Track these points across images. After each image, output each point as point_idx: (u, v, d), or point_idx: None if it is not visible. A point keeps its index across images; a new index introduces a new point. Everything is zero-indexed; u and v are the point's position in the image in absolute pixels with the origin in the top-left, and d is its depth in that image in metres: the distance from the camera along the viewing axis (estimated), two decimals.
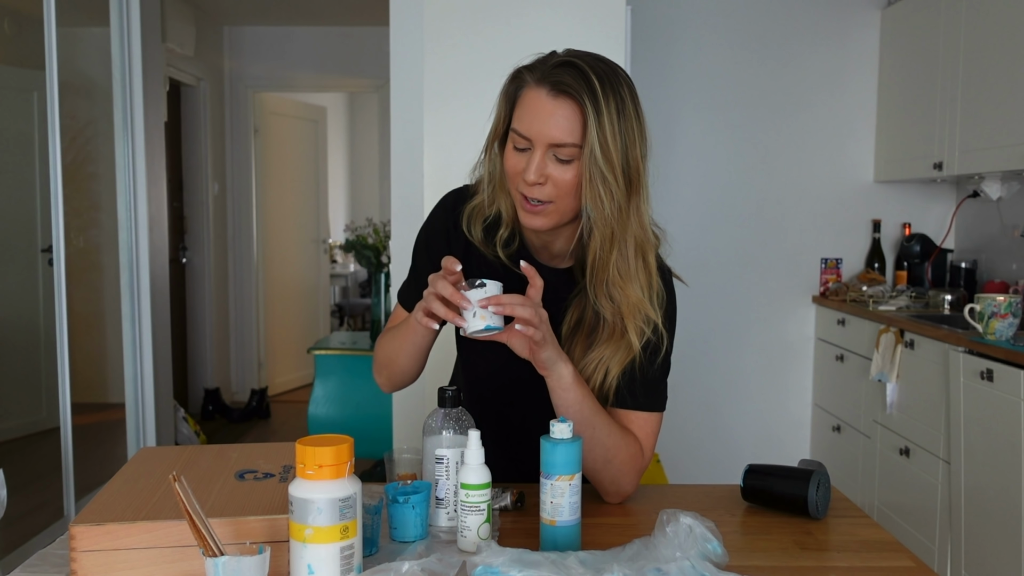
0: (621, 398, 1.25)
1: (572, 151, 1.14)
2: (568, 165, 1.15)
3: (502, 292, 1.12)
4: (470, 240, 1.30)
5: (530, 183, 1.16)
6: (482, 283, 1.10)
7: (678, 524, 1.02)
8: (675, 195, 3.71)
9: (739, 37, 3.70)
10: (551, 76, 1.14)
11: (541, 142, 1.14)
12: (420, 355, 1.30)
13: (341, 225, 7.71)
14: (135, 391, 3.65)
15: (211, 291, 5.45)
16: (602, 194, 1.14)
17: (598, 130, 1.12)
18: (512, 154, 1.19)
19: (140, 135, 3.62)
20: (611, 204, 1.14)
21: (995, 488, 2.46)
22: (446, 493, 1.13)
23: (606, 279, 1.20)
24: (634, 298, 1.20)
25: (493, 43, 2.47)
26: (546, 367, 1.16)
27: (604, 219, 1.16)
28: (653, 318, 1.22)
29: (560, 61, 1.15)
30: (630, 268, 1.19)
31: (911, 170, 3.45)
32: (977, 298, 2.58)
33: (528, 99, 1.16)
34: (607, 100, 1.12)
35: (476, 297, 1.10)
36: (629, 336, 1.21)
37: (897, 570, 1.06)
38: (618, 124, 1.13)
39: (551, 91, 1.14)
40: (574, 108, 1.13)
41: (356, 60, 5.59)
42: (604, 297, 1.21)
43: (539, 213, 1.18)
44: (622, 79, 1.16)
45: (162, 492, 1.06)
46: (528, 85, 1.16)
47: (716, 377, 3.79)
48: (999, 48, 2.88)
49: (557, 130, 1.13)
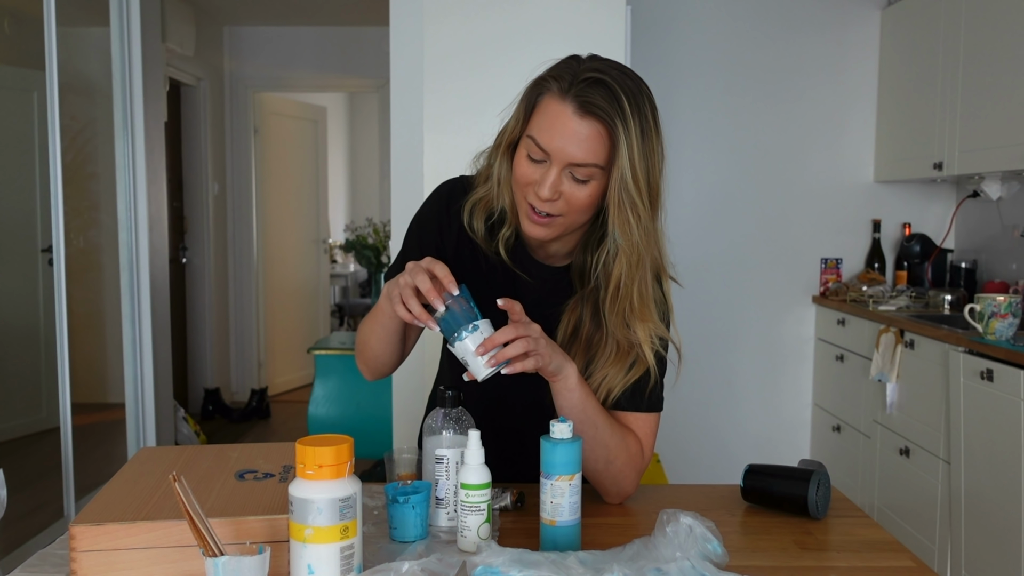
0: (620, 400, 1.24)
1: (591, 171, 1.11)
2: (584, 185, 1.12)
3: (492, 328, 1.09)
4: (464, 233, 1.28)
5: (544, 199, 1.12)
6: (475, 326, 1.08)
7: (678, 524, 1.01)
8: (675, 195, 3.71)
9: (739, 37, 3.70)
10: (580, 94, 1.09)
11: (560, 159, 1.10)
12: (391, 340, 1.25)
13: (341, 225, 7.72)
14: (135, 391, 3.65)
15: (211, 291, 5.45)
16: (631, 220, 1.11)
17: (628, 156, 1.09)
18: (525, 162, 1.14)
19: (140, 135, 3.62)
20: (639, 229, 1.12)
21: (995, 488, 2.46)
22: (446, 493, 1.13)
23: (627, 307, 1.17)
24: (652, 324, 1.19)
25: (493, 43, 2.47)
26: (553, 374, 1.15)
27: (632, 245, 1.13)
28: (666, 337, 1.22)
29: (589, 78, 1.10)
30: (648, 292, 1.18)
31: (911, 170, 3.45)
32: (977, 298, 2.58)
33: (551, 112, 1.11)
34: (635, 122, 1.09)
35: (474, 344, 1.07)
36: (647, 358, 1.20)
37: (897, 570, 1.06)
38: (643, 147, 1.10)
39: (578, 109, 1.09)
40: (601, 130, 1.09)
41: (356, 60, 5.59)
42: (622, 325, 1.19)
43: (545, 225, 1.16)
44: (646, 96, 1.13)
45: (162, 492, 1.06)
46: (552, 95, 1.11)
47: (716, 377, 3.79)
48: (999, 48, 2.87)
49: (580, 151, 1.09)
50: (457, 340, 1.08)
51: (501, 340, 1.07)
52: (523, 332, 1.09)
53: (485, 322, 1.09)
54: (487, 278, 1.28)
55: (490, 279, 1.28)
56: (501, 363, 1.08)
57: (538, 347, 1.10)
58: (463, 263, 1.30)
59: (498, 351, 1.08)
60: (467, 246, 1.29)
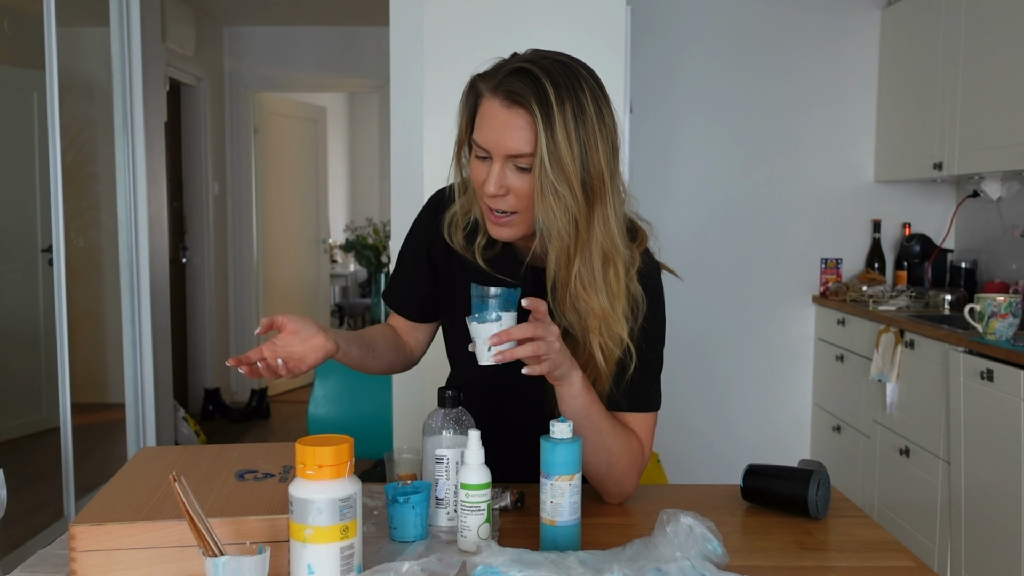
0: (616, 401, 1.23)
1: (530, 160, 1.10)
2: (528, 174, 1.12)
3: (515, 322, 1.08)
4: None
5: (490, 195, 1.13)
6: (498, 316, 1.07)
7: (678, 524, 1.01)
8: (675, 195, 3.71)
9: (739, 37, 3.70)
10: (503, 84, 1.10)
11: (498, 153, 1.11)
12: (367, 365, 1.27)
13: (341, 225, 7.72)
14: (135, 391, 3.65)
15: (211, 291, 5.45)
16: (554, 206, 1.09)
17: (548, 140, 1.07)
18: (475, 164, 1.16)
19: (140, 135, 3.62)
20: (564, 215, 1.10)
21: (995, 488, 2.46)
22: (446, 493, 1.13)
23: (568, 293, 1.15)
24: (597, 310, 1.15)
25: (493, 43, 2.46)
26: (558, 380, 1.14)
27: (558, 232, 1.11)
28: (622, 336, 1.17)
29: (513, 68, 1.11)
30: (595, 279, 1.14)
31: (911, 170, 3.45)
32: (977, 298, 2.58)
33: (484, 109, 1.13)
34: (561, 106, 1.07)
35: (488, 332, 1.06)
36: (594, 354, 1.17)
37: (897, 570, 1.06)
38: (575, 131, 1.08)
39: (504, 100, 1.10)
40: (527, 117, 1.09)
41: (356, 60, 5.59)
42: (570, 311, 1.17)
43: (505, 224, 1.16)
44: (582, 79, 1.11)
45: (162, 492, 1.06)
46: (483, 95, 1.13)
47: (716, 377, 3.79)
48: (999, 48, 2.87)
49: (512, 140, 1.10)
50: (479, 321, 1.08)
51: (517, 336, 1.06)
52: (540, 333, 1.07)
53: (510, 315, 1.08)
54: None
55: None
56: (507, 360, 1.07)
57: (550, 351, 1.08)
58: (454, 272, 1.31)
59: (510, 347, 1.06)
60: (456, 255, 1.30)
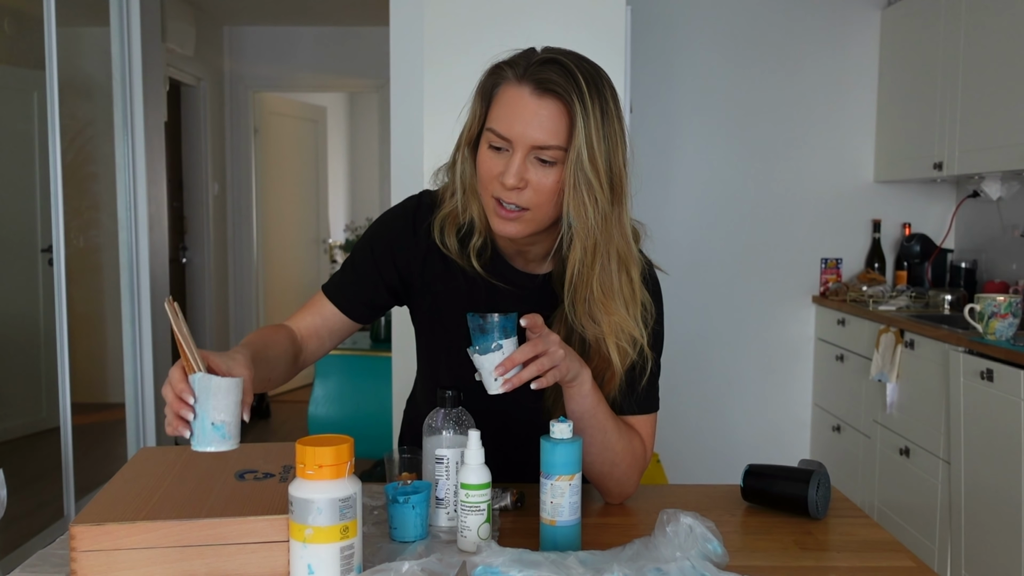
0: (616, 404, 1.23)
1: (555, 153, 1.07)
2: (551, 168, 1.09)
3: (516, 346, 1.06)
4: (436, 250, 1.23)
5: (509, 187, 1.08)
6: (498, 345, 1.06)
7: (678, 524, 1.01)
8: (675, 195, 3.71)
9: (739, 36, 3.70)
10: (535, 73, 1.07)
11: (522, 144, 1.08)
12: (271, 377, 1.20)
13: (341, 225, 7.71)
14: (135, 391, 3.65)
15: (211, 291, 5.45)
16: (586, 201, 1.07)
17: (585, 134, 1.06)
18: (488, 155, 1.11)
19: (140, 135, 3.62)
20: (595, 213, 1.08)
21: (995, 488, 2.46)
22: (446, 493, 1.13)
23: (587, 296, 1.13)
24: (617, 317, 1.14)
25: (493, 43, 2.45)
26: (569, 382, 1.13)
27: (587, 229, 1.08)
28: (637, 338, 1.17)
29: (545, 58, 1.09)
30: (613, 284, 1.13)
31: (911, 170, 3.45)
32: (977, 298, 2.58)
33: (508, 97, 1.09)
34: (593, 102, 1.06)
35: (492, 363, 1.06)
36: (612, 358, 1.16)
37: (897, 570, 1.06)
38: (603, 127, 1.07)
39: (536, 89, 1.07)
40: (560, 108, 1.07)
41: (356, 60, 5.59)
42: (585, 316, 1.15)
43: (514, 220, 1.12)
44: (605, 81, 1.10)
45: (162, 492, 1.06)
46: (508, 82, 1.09)
47: (716, 377, 3.79)
48: (999, 48, 2.87)
49: (541, 131, 1.07)
50: (480, 353, 1.07)
51: (520, 359, 1.05)
52: (541, 349, 1.06)
53: (511, 341, 1.07)
54: (467, 293, 1.25)
55: (471, 294, 1.25)
56: (516, 385, 1.06)
57: (555, 360, 1.07)
58: (435, 281, 1.26)
59: (516, 372, 1.06)
60: (440, 263, 1.25)
